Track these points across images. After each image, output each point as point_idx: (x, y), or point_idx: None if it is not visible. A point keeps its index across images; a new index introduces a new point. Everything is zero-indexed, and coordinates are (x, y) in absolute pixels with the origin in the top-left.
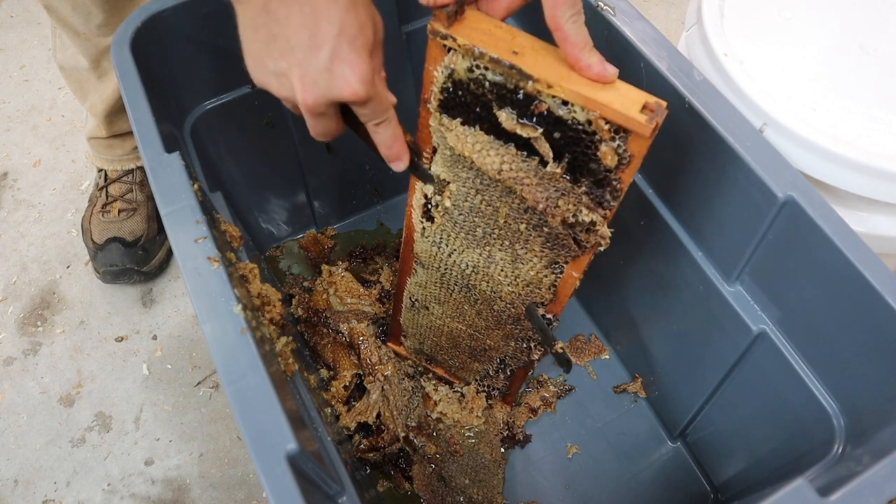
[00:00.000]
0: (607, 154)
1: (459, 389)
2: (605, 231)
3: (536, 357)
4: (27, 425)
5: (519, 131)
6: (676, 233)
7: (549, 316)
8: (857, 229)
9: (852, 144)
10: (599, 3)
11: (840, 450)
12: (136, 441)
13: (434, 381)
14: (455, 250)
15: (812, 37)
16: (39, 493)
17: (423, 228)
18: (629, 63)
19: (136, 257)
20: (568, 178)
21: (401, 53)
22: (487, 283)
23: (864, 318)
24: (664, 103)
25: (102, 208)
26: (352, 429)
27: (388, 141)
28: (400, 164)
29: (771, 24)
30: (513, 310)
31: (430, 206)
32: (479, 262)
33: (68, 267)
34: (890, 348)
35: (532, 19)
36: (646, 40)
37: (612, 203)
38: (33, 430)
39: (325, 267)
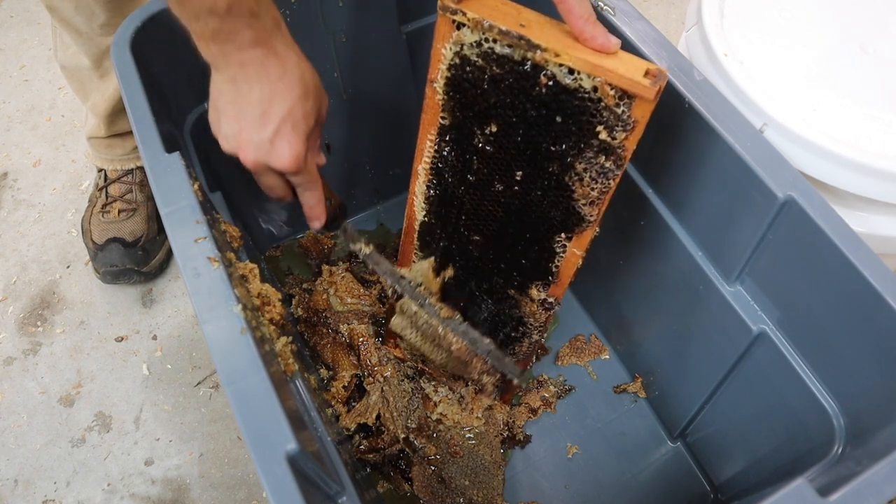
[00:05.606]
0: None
1: (458, 391)
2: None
3: (536, 338)
4: (27, 425)
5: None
6: (676, 232)
7: (550, 299)
8: (857, 229)
9: (852, 144)
10: (599, 3)
11: (840, 450)
12: (136, 441)
13: (434, 383)
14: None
15: (812, 37)
16: (39, 493)
17: (425, 216)
18: None
19: (136, 258)
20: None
21: (401, 53)
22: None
23: (864, 318)
24: (665, 70)
25: (102, 208)
26: (352, 429)
27: (312, 202)
28: (316, 224)
29: (771, 24)
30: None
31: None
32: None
33: (68, 267)
34: (890, 348)
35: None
36: (646, 40)
37: (616, 172)
38: (33, 430)
39: (325, 267)
